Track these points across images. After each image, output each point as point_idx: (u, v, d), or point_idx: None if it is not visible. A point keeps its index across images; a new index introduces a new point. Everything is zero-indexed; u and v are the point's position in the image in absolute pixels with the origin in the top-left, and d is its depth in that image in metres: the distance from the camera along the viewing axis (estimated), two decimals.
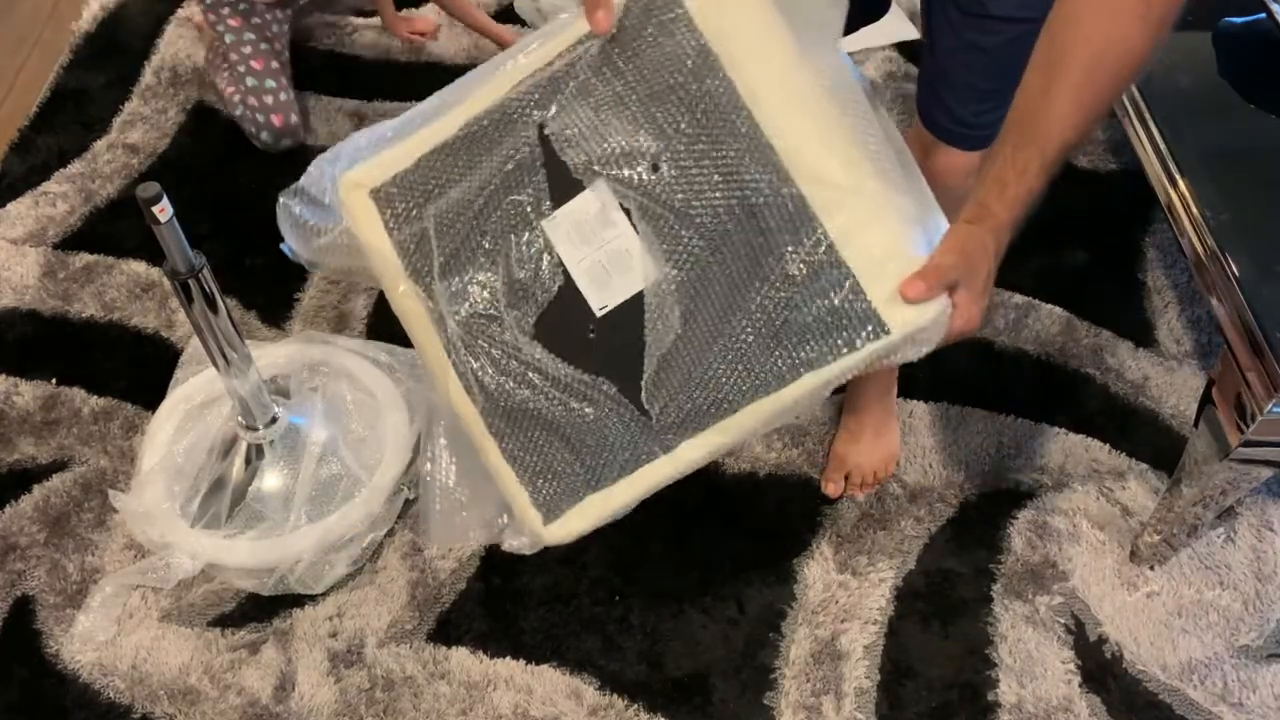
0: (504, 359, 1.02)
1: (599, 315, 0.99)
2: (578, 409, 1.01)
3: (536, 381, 1.01)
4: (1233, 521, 1.50)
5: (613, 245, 0.98)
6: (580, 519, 1.04)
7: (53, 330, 1.72)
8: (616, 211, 0.98)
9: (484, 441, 1.04)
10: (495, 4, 2.28)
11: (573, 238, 0.99)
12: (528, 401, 1.02)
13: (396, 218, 1.05)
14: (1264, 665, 1.38)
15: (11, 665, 1.38)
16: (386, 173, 1.05)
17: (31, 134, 2.01)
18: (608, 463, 1.02)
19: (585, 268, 0.98)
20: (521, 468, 1.04)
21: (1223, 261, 1.25)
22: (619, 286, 0.98)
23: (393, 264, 1.05)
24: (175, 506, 1.47)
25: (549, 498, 1.04)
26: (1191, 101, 1.45)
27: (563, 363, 1.00)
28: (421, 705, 1.34)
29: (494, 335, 1.02)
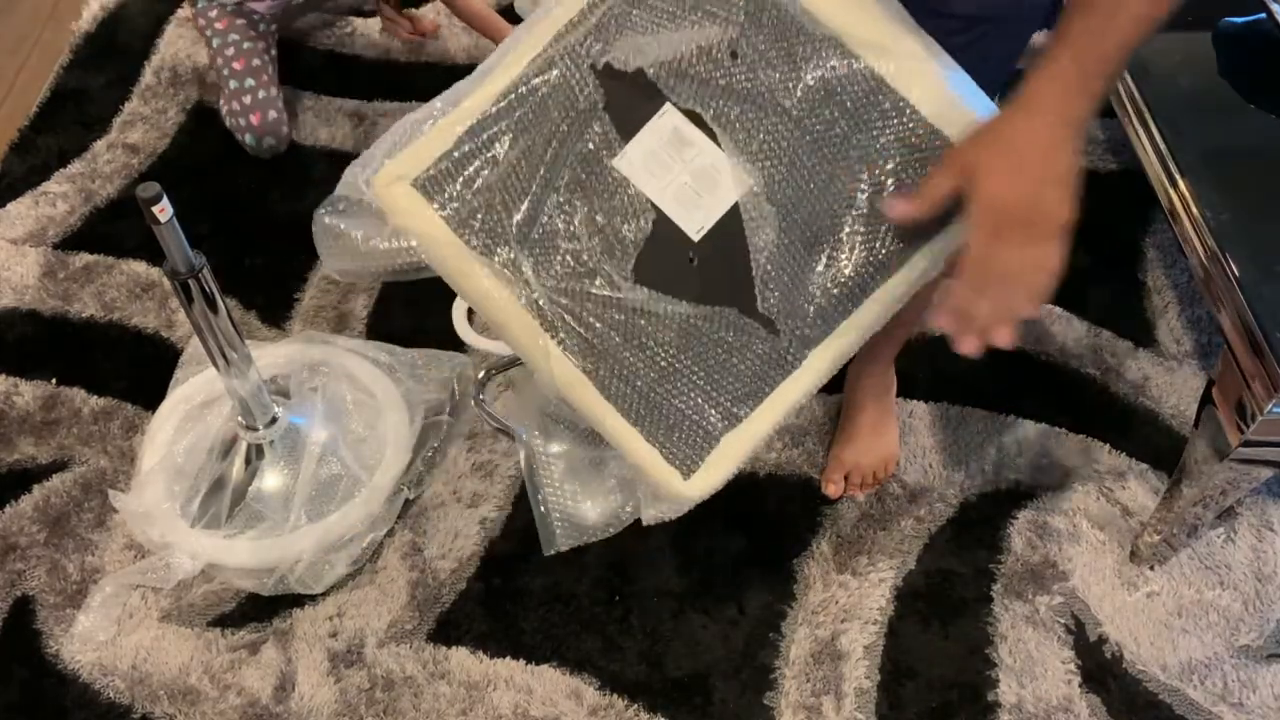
0: (607, 313, 0.95)
1: (697, 239, 0.94)
2: (696, 346, 0.95)
3: (647, 327, 0.95)
4: (1233, 521, 1.50)
5: (695, 164, 0.93)
6: (722, 464, 0.98)
7: (53, 330, 1.72)
8: (691, 129, 0.93)
9: (600, 409, 0.97)
10: (495, 4, 2.28)
11: (651, 167, 0.94)
12: (641, 352, 0.95)
13: (448, 201, 0.97)
14: (1264, 665, 1.37)
15: (11, 665, 1.38)
16: (426, 159, 0.98)
17: (31, 134, 2.01)
18: (739, 395, 0.96)
19: (671, 194, 0.93)
20: (646, 427, 0.96)
21: (1223, 261, 1.25)
22: (711, 204, 0.93)
23: (456, 248, 0.96)
24: (175, 506, 1.47)
25: (684, 450, 0.97)
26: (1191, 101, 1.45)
27: (672, 299, 0.93)
28: (421, 705, 1.34)
29: (592, 293, 0.95)
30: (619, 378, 0.96)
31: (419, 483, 1.53)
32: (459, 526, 1.49)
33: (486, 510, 1.51)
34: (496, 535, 1.49)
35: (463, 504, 1.52)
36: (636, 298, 0.95)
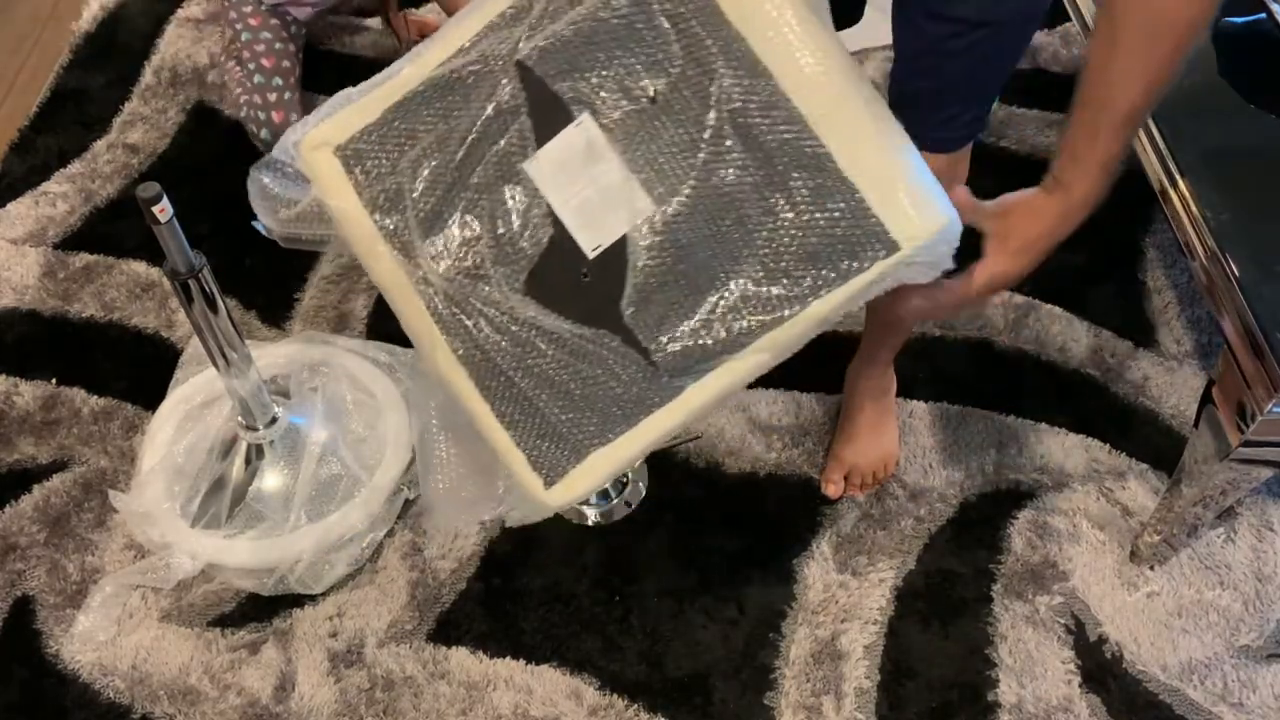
0: (496, 317, 0.96)
1: (591, 257, 0.93)
2: (576, 364, 0.95)
3: (531, 339, 0.96)
4: (1233, 521, 1.50)
5: (602, 180, 0.91)
6: (585, 478, 0.99)
7: (53, 330, 1.72)
8: (604, 144, 0.92)
9: (476, 406, 0.99)
10: None
11: (559, 178, 0.93)
12: (523, 361, 0.96)
13: (367, 175, 0.97)
14: (1264, 665, 1.37)
15: (11, 665, 1.38)
16: (351, 128, 0.99)
17: (31, 134, 2.01)
18: (611, 416, 0.96)
19: (574, 207, 0.93)
20: (518, 431, 0.98)
21: (1223, 261, 1.25)
22: (612, 224, 0.92)
23: (366, 227, 0.98)
24: (175, 506, 1.47)
25: (550, 460, 0.98)
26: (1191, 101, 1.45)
27: (557, 316, 0.94)
28: (421, 705, 1.34)
29: (483, 294, 0.96)
30: (497, 380, 0.97)
31: (419, 483, 1.53)
32: (459, 526, 1.49)
33: None
34: (496, 535, 1.49)
35: None
36: (525, 310, 0.96)
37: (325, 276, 1.79)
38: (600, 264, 0.93)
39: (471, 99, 0.95)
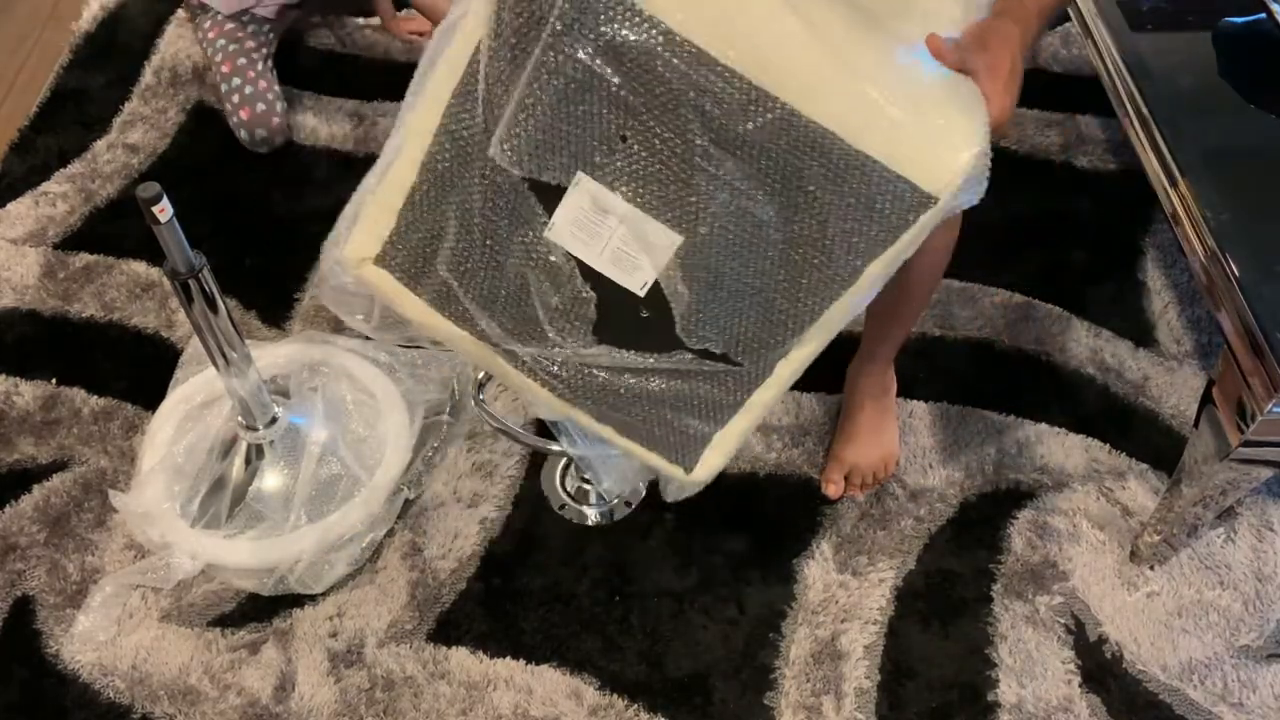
0: (584, 371, 1.04)
1: (643, 295, 0.98)
2: (668, 384, 1.03)
3: (620, 378, 1.03)
4: (1233, 521, 1.50)
5: (621, 229, 0.95)
6: (716, 455, 1.10)
7: (53, 330, 1.72)
8: (608, 195, 0.95)
9: (603, 431, 1.09)
10: None
11: (580, 236, 0.97)
12: (623, 392, 1.04)
13: (414, 279, 1.04)
14: (1264, 665, 1.38)
15: (11, 665, 1.38)
16: (379, 237, 1.04)
17: (31, 134, 2.01)
18: (718, 406, 1.06)
19: (608, 259, 0.97)
20: (647, 441, 1.09)
21: (1223, 261, 1.25)
22: (648, 263, 0.97)
23: (438, 322, 1.05)
24: (175, 506, 1.47)
25: (681, 452, 1.09)
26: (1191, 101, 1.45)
27: (633, 354, 1.01)
28: (421, 705, 1.34)
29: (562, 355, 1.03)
30: (612, 408, 1.06)
31: (419, 483, 1.53)
32: (459, 526, 1.49)
33: (486, 510, 1.51)
34: (496, 535, 1.49)
35: (463, 504, 1.52)
36: (600, 358, 1.02)
37: None
38: (653, 299, 0.98)
39: (465, 189, 0.98)
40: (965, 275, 1.75)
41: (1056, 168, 1.94)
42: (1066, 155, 1.95)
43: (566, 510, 1.52)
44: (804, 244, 0.94)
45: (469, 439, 1.58)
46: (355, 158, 1.98)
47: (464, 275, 1.01)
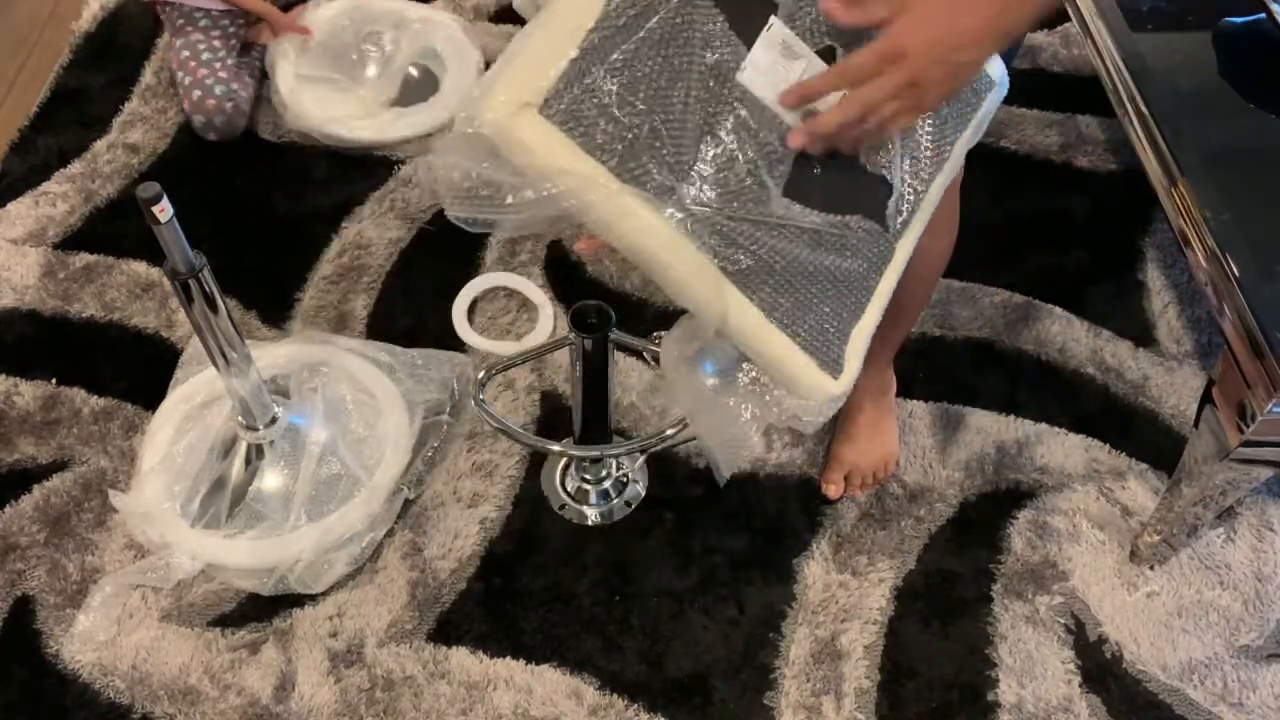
0: (763, 232, 0.94)
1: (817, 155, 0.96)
2: (829, 255, 0.98)
3: (793, 243, 0.96)
4: (1233, 521, 1.50)
5: (808, 75, 0.93)
6: (855, 358, 1.04)
7: (53, 330, 1.72)
8: (797, 41, 0.93)
9: (764, 331, 0.97)
10: (494, 3, 2.28)
11: (772, 81, 0.92)
12: (791, 267, 0.96)
13: (587, 130, 0.87)
14: (1264, 665, 1.38)
15: (11, 665, 1.38)
16: (543, 82, 0.86)
17: (31, 134, 2.01)
18: (859, 293, 1.02)
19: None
20: (804, 337, 0.99)
21: (1223, 261, 1.25)
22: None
23: (606, 182, 0.88)
24: (175, 506, 1.47)
25: (830, 352, 1.01)
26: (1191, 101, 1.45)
27: (812, 211, 0.96)
28: (421, 705, 1.34)
29: (749, 213, 0.93)
30: (779, 292, 0.96)
31: (419, 483, 1.53)
32: (459, 526, 1.49)
33: (486, 510, 1.51)
34: (496, 535, 1.49)
35: (463, 504, 1.52)
36: (786, 213, 0.95)
37: (325, 276, 1.79)
38: (826, 155, 0.96)
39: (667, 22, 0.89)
40: (965, 275, 1.75)
41: (1056, 168, 1.94)
42: (1066, 155, 1.95)
43: (566, 510, 1.52)
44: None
45: (469, 439, 1.58)
46: (355, 157, 1.98)
47: (653, 123, 0.89)
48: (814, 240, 0.97)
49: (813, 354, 1.00)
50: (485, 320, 1.74)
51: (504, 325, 1.74)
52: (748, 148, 0.93)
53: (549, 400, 1.64)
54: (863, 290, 1.02)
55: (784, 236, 0.95)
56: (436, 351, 1.66)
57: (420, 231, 1.87)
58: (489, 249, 1.84)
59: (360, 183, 1.93)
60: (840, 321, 1.01)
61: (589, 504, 1.52)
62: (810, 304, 0.99)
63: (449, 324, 1.72)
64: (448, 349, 1.68)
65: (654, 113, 0.89)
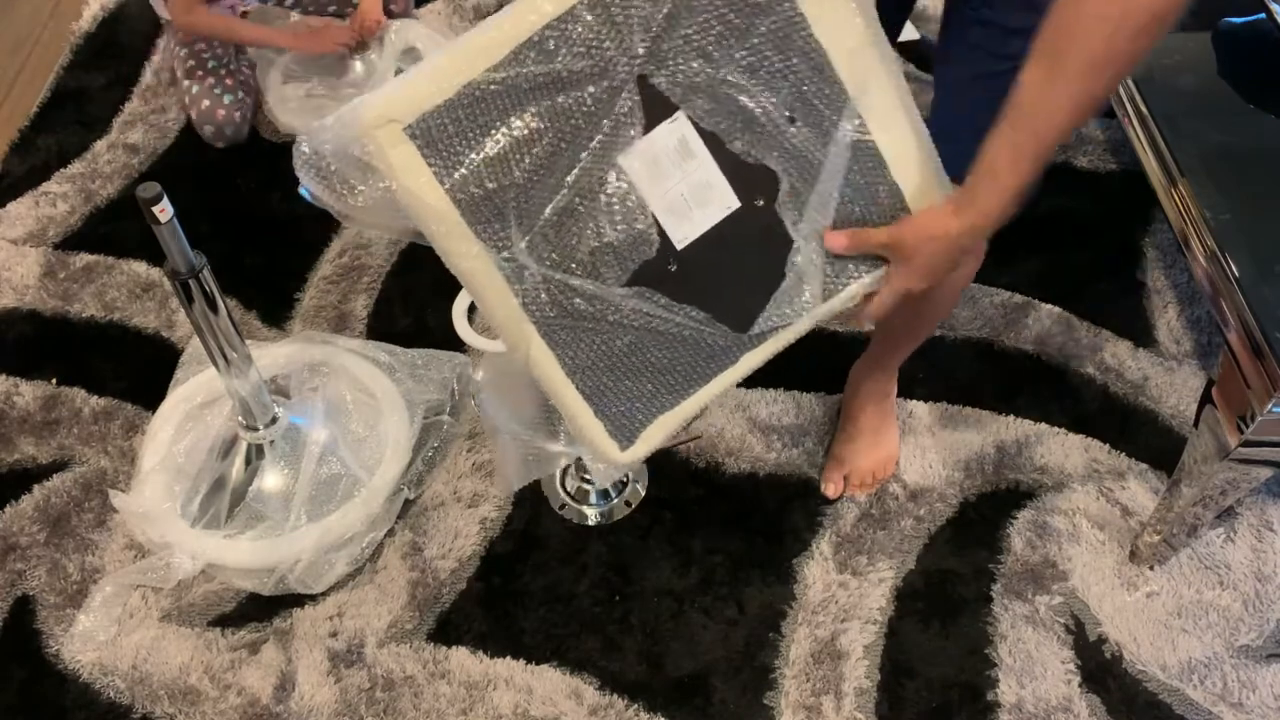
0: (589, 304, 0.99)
1: (679, 249, 0.97)
2: (660, 340, 1.01)
3: (625, 319, 1.00)
4: (1233, 521, 1.50)
5: (693, 177, 0.95)
6: (654, 437, 1.06)
7: (53, 330, 1.72)
8: (697, 142, 0.94)
9: (562, 387, 1.02)
10: (495, 4, 2.28)
11: (653, 173, 0.94)
12: (610, 340, 1.00)
13: (444, 160, 0.90)
14: (1264, 665, 1.38)
15: (11, 665, 1.38)
16: (421, 104, 0.89)
17: (31, 134, 2.01)
18: (682, 382, 1.04)
19: (666, 203, 0.95)
20: (599, 403, 1.04)
21: (1223, 261, 1.25)
22: (700, 218, 0.97)
23: (452, 220, 0.92)
24: (175, 506, 1.47)
25: (626, 426, 1.05)
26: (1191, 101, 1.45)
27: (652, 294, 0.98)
28: (421, 705, 1.34)
29: (577, 285, 0.97)
30: (585, 360, 1.02)
31: (419, 483, 1.53)
32: (459, 526, 1.49)
33: (486, 510, 1.51)
34: (496, 535, 1.49)
35: (463, 504, 1.52)
36: (617, 296, 0.99)
37: (325, 276, 1.79)
38: (688, 253, 0.98)
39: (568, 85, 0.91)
40: None
41: (1056, 168, 1.94)
42: (1066, 155, 1.95)
43: (566, 510, 1.52)
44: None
45: (469, 439, 1.58)
46: None
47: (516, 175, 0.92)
48: (644, 323, 1.01)
49: (606, 419, 1.05)
50: (485, 320, 1.74)
51: None
52: (603, 223, 0.96)
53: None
54: (685, 383, 1.04)
55: (612, 311, 0.99)
56: (436, 351, 1.66)
57: None
58: None
59: None
60: (648, 404, 1.05)
61: (589, 504, 1.52)
62: (620, 377, 1.03)
63: (449, 324, 1.72)
64: (448, 349, 1.68)
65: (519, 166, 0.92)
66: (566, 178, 0.94)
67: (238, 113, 1.93)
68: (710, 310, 1.01)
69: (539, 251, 0.95)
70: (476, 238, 0.94)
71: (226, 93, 1.93)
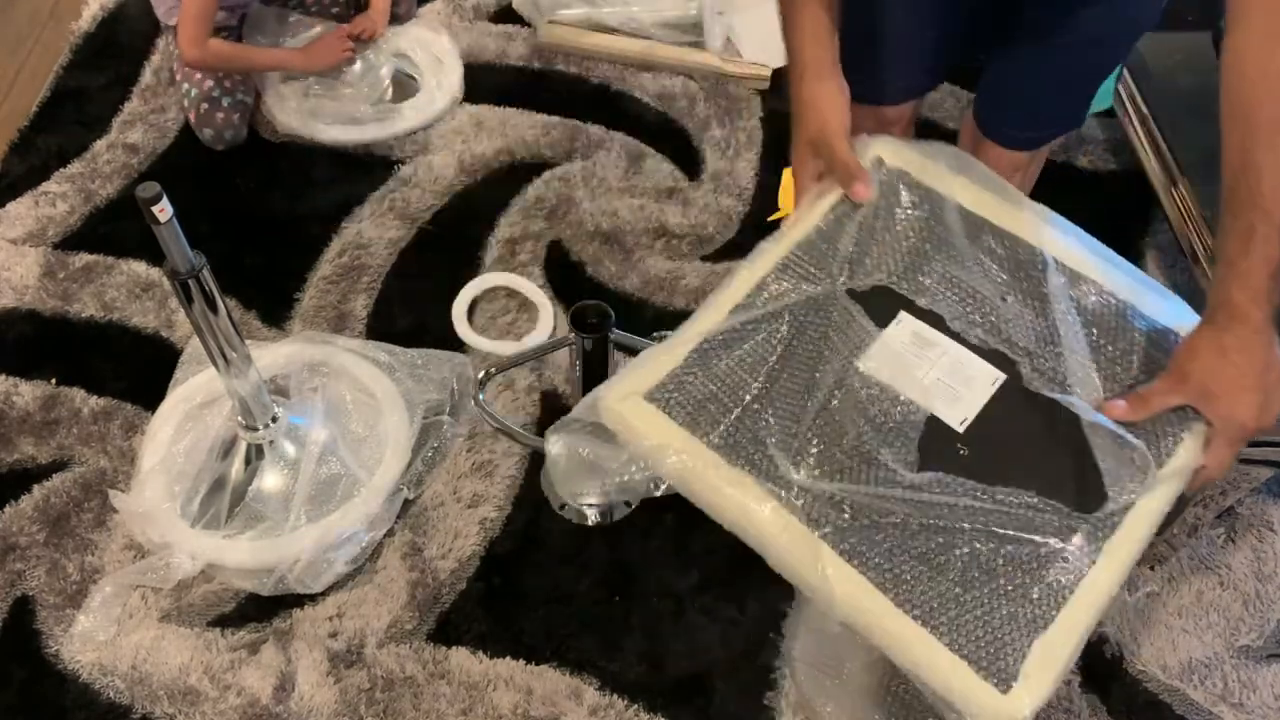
0: (892, 505, 0.86)
1: (962, 431, 0.90)
2: (995, 534, 0.85)
3: (944, 517, 0.86)
4: (1233, 521, 1.50)
5: (942, 361, 0.94)
6: (1043, 672, 0.81)
7: (53, 330, 1.72)
8: (929, 331, 0.95)
9: (892, 618, 0.83)
10: (495, 3, 2.28)
11: (898, 366, 0.93)
12: (931, 545, 0.85)
13: (690, 413, 0.92)
14: (1264, 665, 1.38)
15: (11, 665, 1.38)
16: (658, 373, 0.93)
17: (31, 134, 2.01)
18: (1041, 593, 0.83)
19: (924, 391, 0.92)
20: (950, 634, 0.82)
21: None
22: (970, 397, 0.92)
23: (710, 461, 0.91)
24: (175, 506, 1.47)
25: (997, 659, 0.81)
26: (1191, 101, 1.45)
27: (962, 481, 0.86)
28: (421, 705, 1.34)
29: (870, 484, 0.87)
30: (908, 581, 0.84)
31: (419, 483, 1.53)
32: (459, 526, 1.49)
33: (486, 510, 1.51)
34: (496, 535, 1.49)
35: (463, 504, 1.52)
36: (922, 481, 0.87)
37: (325, 276, 1.79)
38: (973, 434, 0.90)
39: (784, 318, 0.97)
40: None
41: (1057, 168, 1.93)
42: (1066, 155, 1.95)
43: (566, 510, 1.52)
44: None
45: (469, 439, 1.58)
46: (355, 157, 1.98)
47: (760, 405, 0.93)
48: (972, 516, 0.86)
49: (964, 656, 0.81)
50: (485, 320, 1.74)
51: (504, 325, 1.74)
52: (862, 423, 0.91)
53: (549, 400, 1.64)
54: (1046, 593, 0.83)
55: (913, 510, 0.86)
56: (436, 351, 1.66)
57: (420, 231, 1.87)
58: (489, 249, 1.84)
59: (360, 183, 1.94)
60: (1009, 624, 0.82)
61: (589, 504, 1.52)
62: (956, 595, 0.83)
63: (449, 324, 1.72)
64: (448, 349, 1.68)
65: (761, 398, 0.93)
66: (812, 397, 0.92)
67: (236, 115, 1.93)
68: (1039, 488, 0.86)
69: (806, 465, 0.89)
70: (738, 469, 0.90)
71: (225, 95, 1.93)
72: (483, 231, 1.87)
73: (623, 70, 2.15)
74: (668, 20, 2.17)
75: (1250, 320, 0.85)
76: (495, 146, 2.00)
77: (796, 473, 0.88)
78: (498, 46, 2.19)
